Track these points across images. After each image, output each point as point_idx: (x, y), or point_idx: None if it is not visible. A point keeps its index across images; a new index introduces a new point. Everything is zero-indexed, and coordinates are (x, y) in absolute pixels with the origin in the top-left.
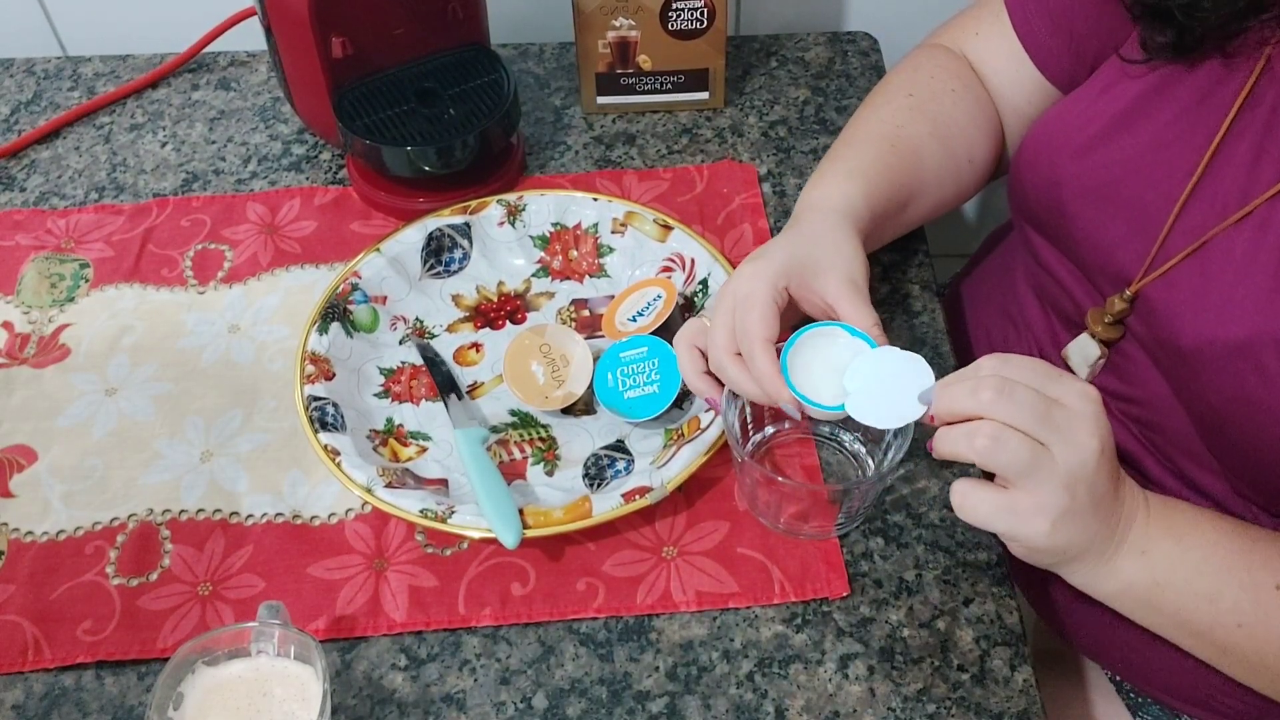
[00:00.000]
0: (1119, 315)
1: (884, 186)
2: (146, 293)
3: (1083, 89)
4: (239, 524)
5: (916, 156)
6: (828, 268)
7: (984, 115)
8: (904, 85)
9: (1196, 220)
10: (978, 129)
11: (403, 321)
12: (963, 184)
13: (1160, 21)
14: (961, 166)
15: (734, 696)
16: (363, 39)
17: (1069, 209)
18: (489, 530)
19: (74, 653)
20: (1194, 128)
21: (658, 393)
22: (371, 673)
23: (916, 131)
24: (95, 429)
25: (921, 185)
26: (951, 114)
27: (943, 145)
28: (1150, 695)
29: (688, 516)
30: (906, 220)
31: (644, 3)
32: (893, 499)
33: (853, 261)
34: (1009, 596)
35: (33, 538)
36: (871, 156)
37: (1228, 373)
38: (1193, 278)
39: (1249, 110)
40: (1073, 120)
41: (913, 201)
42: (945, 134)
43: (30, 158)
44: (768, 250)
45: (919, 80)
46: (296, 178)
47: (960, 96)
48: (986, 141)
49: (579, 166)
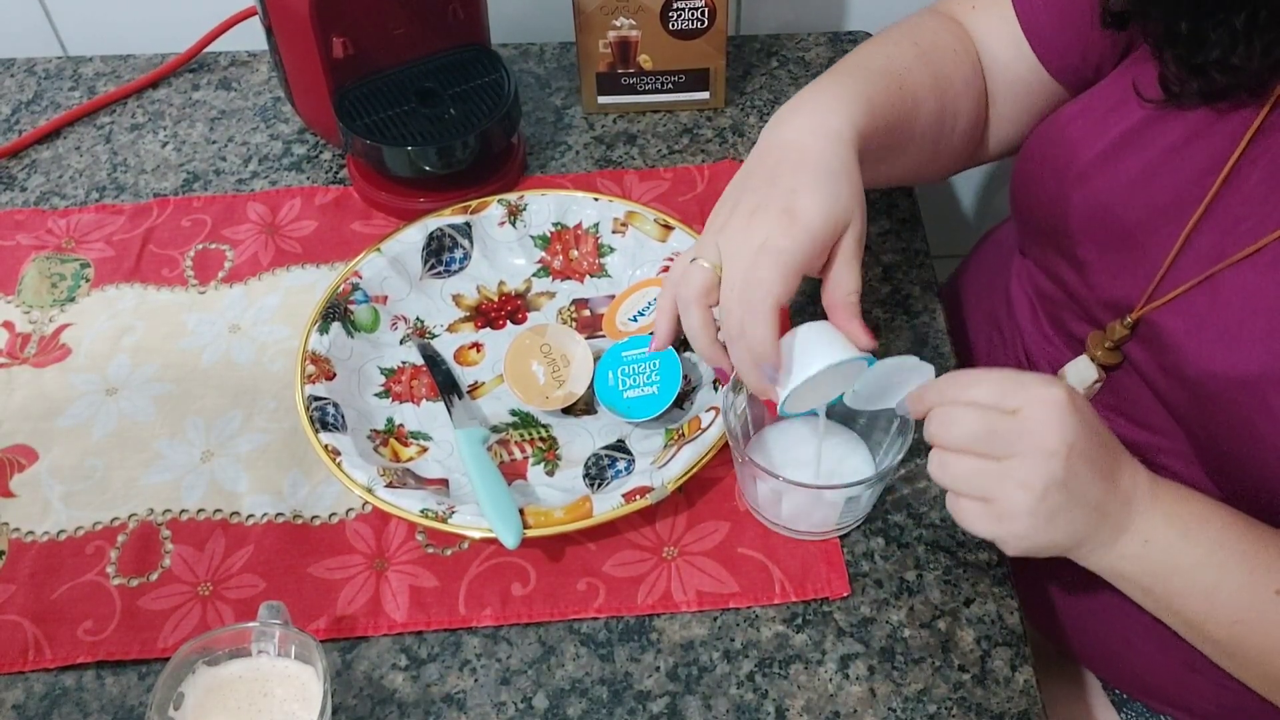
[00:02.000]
0: (1119, 341)
1: (883, 126)
2: (147, 293)
3: (1089, 101)
4: (239, 524)
5: (916, 104)
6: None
7: (976, 86)
8: (909, 34)
9: (1205, 249)
10: (969, 97)
11: (403, 321)
12: (940, 149)
13: (1190, 72)
14: (946, 128)
15: (734, 696)
16: (363, 39)
17: (1073, 226)
18: (489, 530)
19: (74, 653)
20: (1204, 151)
21: (658, 393)
22: (372, 673)
23: (920, 80)
24: (96, 429)
25: (910, 136)
26: (950, 73)
27: (938, 100)
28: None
29: (688, 516)
30: (884, 173)
31: (644, 3)
32: (893, 499)
33: (863, 212)
34: (1010, 597)
35: (33, 538)
36: (880, 89)
37: (1232, 405)
38: (1200, 308)
39: (1263, 136)
40: (1079, 136)
41: (897, 152)
42: (942, 90)
43: (31, 158)
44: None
45: (924, 33)
46: (297, 178)
47: (960, 59)
48: (972, 112)
49: (580, 166)
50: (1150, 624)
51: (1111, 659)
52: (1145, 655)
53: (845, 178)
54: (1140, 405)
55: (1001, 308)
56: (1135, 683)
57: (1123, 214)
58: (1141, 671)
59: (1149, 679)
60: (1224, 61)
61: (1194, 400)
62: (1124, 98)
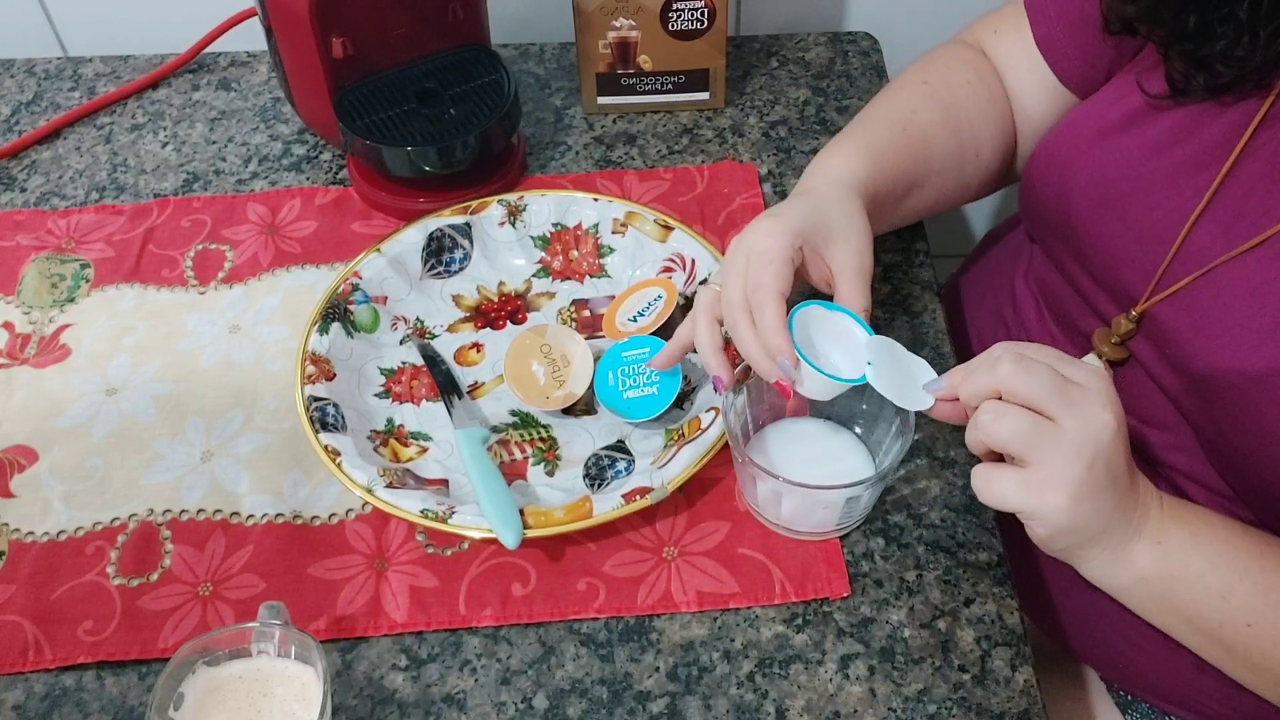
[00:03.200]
0: (1126, 336)
1: (891, 168)
2: (147, 293)
3: (1096, 98)
4: (239, 524)
5: (926, 143)
6: (840, 237)
7: (995, 111)
8: (920, 73)
9: (1206, 241)
10: (988, 124)
11: (403, 322)
12: (967, 178)
13: (1195, 67)
14: (968, 159)
15: (735, 697)
16: (363, 39)
17: (1077, 220)
18: (489, 530)
19: (74, 653)
20: (1205, 142)
21: (657, 393)
22: (372, 673)
23: (929, 119)
24: (96, 429)
25: (928, 173)
26: (964, 105)
27: (953, 135)
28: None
29: (688, 517)
30: (909, 208)
31: (644, 3)
32: (893, 499)
33: (863, 236)
34: (1010, 597)
35: (33, 538)
36: (883, 136)
37: (1241, 401)
38: (1204, 302)
39: (1266, 128)
40: (1084, 124)
41: (917, 188)
42: (956, 124)
43: (31, 158)
44: (783, 210)
45: (934, 69)
46: (297, 178)
47: (974, 89)
48: (996, 138)
49: (579, 167)
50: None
51: (1117, 659)
52: (1152, 654)
53: (837, 202)
54: (1147, 402)
55: (1007, 306)
56: (1142, 682)
57: (1123, 195)
58: (1148, 671)
59: (1156, 678)
60: (1229, 54)
61: (1201, 396)
62: (1125, 92)
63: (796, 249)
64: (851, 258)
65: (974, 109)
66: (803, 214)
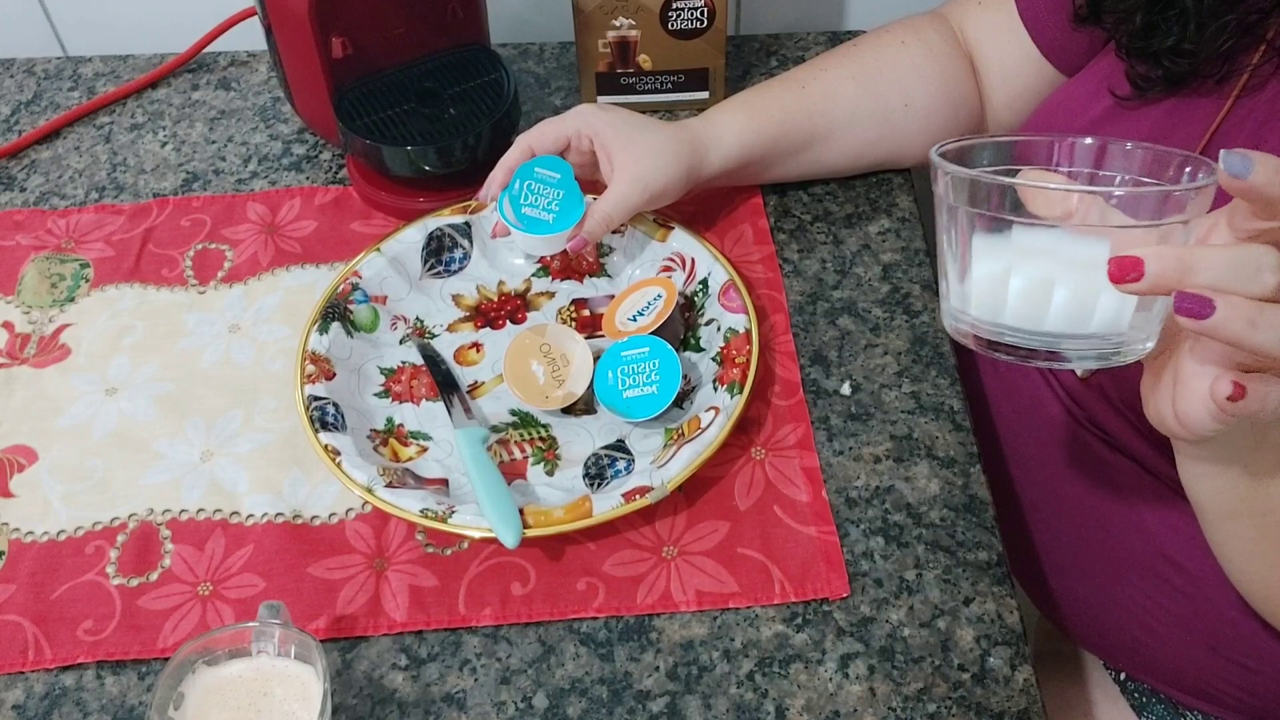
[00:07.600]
0: None
1: (778, 123)
2: (147, 293)
3: (1072, 89)
4: (239, 524)
5: (828, 98)
6: (632, 157)
7: (933, 66)
8: (857, 39)
9: None
10: (921, 78)
11: (403, 321)
12: (895, 127)
13: (1149, 62)
14: (894, 109)
15: (734, 696)
16: (363, 39)
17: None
18: (489, 530)
19: (74, 652)
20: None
21: (657, 393)
22: (372, 672)
23: (836, 74)
24: (96, 429)
25: (830, 125)
26: (888, 61)
27: (863, 87)
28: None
29: (688, 516)
30: (815, 157)
31: (644, 3)
32: (893, 499)
33: (654, 169)
34: (1009, 596)
35: (33, 538)
36: (774, 94)
37: None
38: None
39: (1248, 96)
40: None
41: (819, 140)
42: (869, 77)
43: (30, 158)
44: (617, 112)
45: (871, 35)
46: (297, 177)
47: (908, 47)
48: (929, 89)
49: None
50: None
51: (1132, 647)
52: (1165, 639)
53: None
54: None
55: None
56: (1154, 669)
57: None
58: (1161, 656)
59: (1169, 663)
60: (1178, 47)
61: None
62: (1098, 88)
63: (584, 136)
64: (623, 174)
65: (902, 63)
66: (620, 123)
